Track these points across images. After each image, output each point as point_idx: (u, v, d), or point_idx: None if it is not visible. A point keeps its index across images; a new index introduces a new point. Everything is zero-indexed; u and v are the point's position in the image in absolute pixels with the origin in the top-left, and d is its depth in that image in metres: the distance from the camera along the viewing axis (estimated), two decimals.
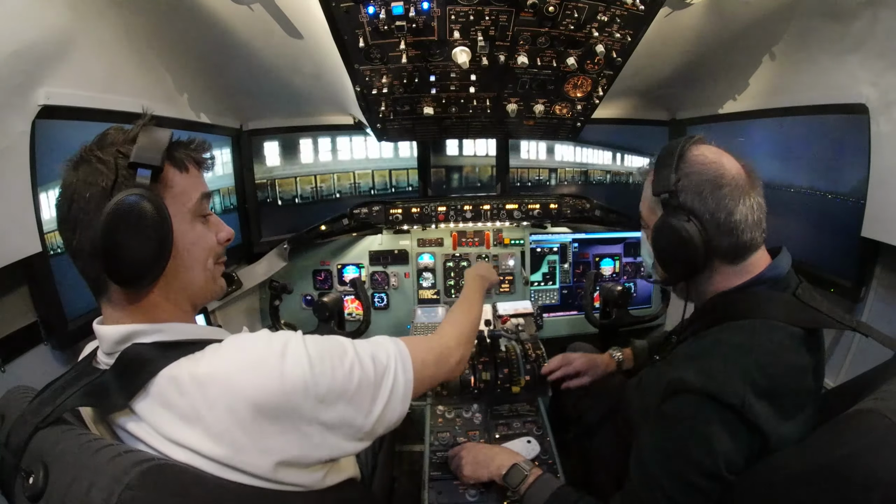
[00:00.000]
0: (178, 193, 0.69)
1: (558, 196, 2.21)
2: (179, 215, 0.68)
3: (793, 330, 0.80)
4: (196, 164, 0.73)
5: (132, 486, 0.49)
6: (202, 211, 0.73)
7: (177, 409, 0.59)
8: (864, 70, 1.31)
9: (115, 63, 1.27)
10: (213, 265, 0.76)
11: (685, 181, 0.86)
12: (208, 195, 0.75)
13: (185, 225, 0.69)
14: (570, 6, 1.22)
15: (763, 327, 0.80)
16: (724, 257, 0.87)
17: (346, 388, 0.67)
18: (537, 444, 1.36)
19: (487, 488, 1.22)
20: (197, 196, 0.72)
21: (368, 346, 0.76)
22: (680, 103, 2.20)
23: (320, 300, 1.82)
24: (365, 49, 1.30)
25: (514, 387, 1.55)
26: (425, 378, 0.83)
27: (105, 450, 0.53)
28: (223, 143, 2.03)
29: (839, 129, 1.46)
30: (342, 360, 0.68)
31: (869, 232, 1.32)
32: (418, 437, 1.53)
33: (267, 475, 0.61)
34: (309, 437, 0.63)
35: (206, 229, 0.74)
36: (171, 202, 0.66)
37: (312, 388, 0.63)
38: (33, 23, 0.99)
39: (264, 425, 0.60)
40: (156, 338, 0.65)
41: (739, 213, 0.83)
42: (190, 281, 0.71)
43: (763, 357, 0.77)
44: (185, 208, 0.70)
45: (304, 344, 0.66)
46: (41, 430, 0.58)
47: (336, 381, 0.65)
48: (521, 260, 2.33)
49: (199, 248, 0.72)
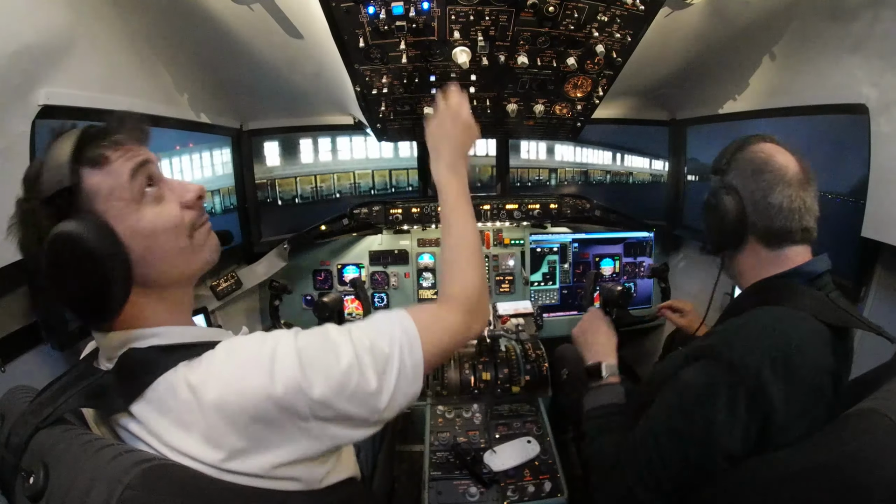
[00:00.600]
0: (107, 193, 0.61)
1: (558, 196, 2.21)
2: (120, 214, 0.61)
3: (819, 326, 0.83)
4: (114, 147, 0.63)
5: (133, 486, 0.49)
6: (141, 186, 0.64)
7: (173, 415, 0.58)
8: (864, 70, 1.31)
9: (115, 63, 1.27)
10: (187, 237, 0.67)
11: (735, 164, 0.97)
12: (142, 164, 0.64)
13: (132, 218, 0.62)
14: (570, 6, 1.22)
15: (792, 316, 0.84)
16: (759, 238, 0.94)
17: (344, 385, 0.62)
18: (537, 444, 1.36)
19: (488, 488, 1.22)
20: (124, 180, 0.62)
21: (368, 334, 0.67)
22: (680, 103, 2.20)
23: (320, 300, 1.82)
24: (365, 49, 1.30)
25: (514, 387, 1.56)
26: (438, 354, 0.74)
27: (106, 450, 0.53)
28: (223, 143, 2.03)
29: (839, 129, 1.46)
30: (338, 358, 0.63)
31: (869, 232, 1.32)
32: (418, 437, 1.53)
33: (266, 474, 0.60)
34: (307, 432, 0.62)
35: (160, 207, 0.65)
36: (105, 206, 0.60)
37: (307, 388, 0.60)
38: (33, 23, 0.99)
39: (260, 428, 0.59)
40: (152, 342, 0.64)
41: (775, 198, 0.90)
42: (166, 272, 0.66)
43: (786, 342, 0.80)
44: (121, 202, 0.61)
45: (296, 344, 0.63)
46: (42, 430, 0.58)
47: (332, 380, 0.62)
48: (521, 260, 2.33)
49: (160, 234, 0.64)
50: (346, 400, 0.63)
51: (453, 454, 1.32)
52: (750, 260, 0.97)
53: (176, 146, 1.69)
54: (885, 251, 1.33)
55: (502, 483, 1.24)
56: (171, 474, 0.54)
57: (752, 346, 0.80)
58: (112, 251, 0.58)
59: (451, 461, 1.31)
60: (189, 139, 1.76)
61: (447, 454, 1.33)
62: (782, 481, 0.73)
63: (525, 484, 1.25)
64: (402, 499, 1.56)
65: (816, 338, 0.82)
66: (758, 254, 0.96)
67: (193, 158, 1.80)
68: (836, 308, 0.86)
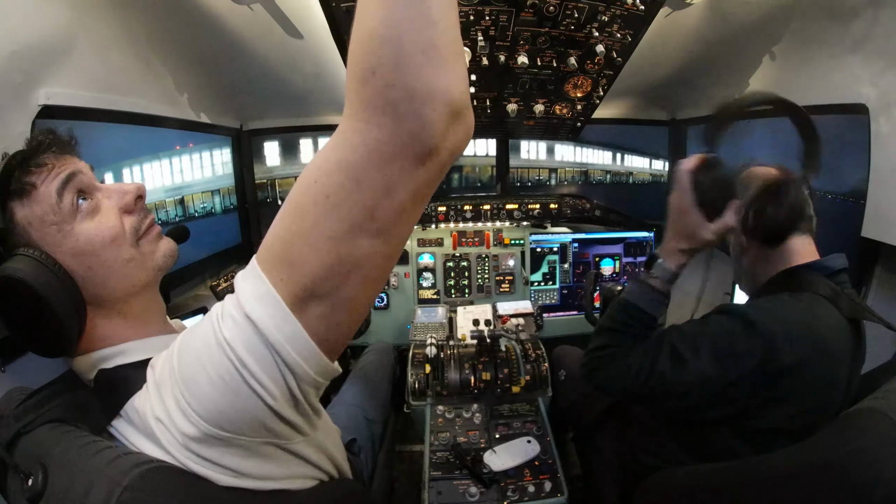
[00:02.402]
0: (38, 222, 0.57)
1: (558, 196, 2.21)
2: (54, 240, 0.57)
3: (838, 316, 0.87)
4: (38, 170, 0.58)
5: (131, 488, 0.48)
6: (72, 204, 0.59)
7: (136, 428, 0.56)
8: (864, 70, 1.31)
9: (115, 63, 1.27)
10: (131, 246, 0.63)
11: None
12: (68, 179, 0.59)
13: (69, 241, 0.58)
14: (571, 6, 1.22)
15: (814, 299, 0.89)
16: (758, 238, 0.99)
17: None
18: (537, 444, 1.36)
19: (488, 488, 1.22)
20: (53, 199, 0.57)
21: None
22: (680, 103, 2.20)
23: None
24: None
25: (514, 387, 1.55)
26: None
27: (104, 452, 0.53)
28: (223, 143, 2.03)
29: (839, 129, 1.46)
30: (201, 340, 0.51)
31: (869, 232, 1.32)
32: (418, 437, 1.53)
33: (200, 451, 0.51)
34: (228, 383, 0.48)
35: (96, 220, 0.61)
36: (39, 235, 0.57)
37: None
38: (33, 23, 0.99)
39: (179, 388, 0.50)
40: (118, 361, 0.62)
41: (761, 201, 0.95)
42: (117, 287, 0.61)
43: (807, 321, 0.84)
44: (54, 227, 0.57)
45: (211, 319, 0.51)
46: (23, 435, 0.58)
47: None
48: (521, 260, 2.33)
49: (100, 250, 0.60)
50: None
51: (453, 454, 1.32)
52: (757, 258, 1.02)
53: (176, 146, 1.69)
54: (885, 251, 1.33)
55: (502, 483, 1.24)
56: (170, 476, 0.53)
57: (774, 316, 0.85)
58: (56, 283, 0.55)
59: (451, 461, 1.30)
60: (189, 139, 1.76)
61: (447, 454, 1.33)
62: (782, 481, 0.73)
63: (525, 484, 1.24)
64: (402, 499, 1.56)
65: (836, 325, 0.87)
66: (761, 251, 1.01)
67: (193, 158, 1.80)
68: (852, 302, 0.90)
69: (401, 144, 0.40)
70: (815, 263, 0.96)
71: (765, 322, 0.85)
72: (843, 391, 0.87)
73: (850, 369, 0.88)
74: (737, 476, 0.83)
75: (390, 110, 0.38)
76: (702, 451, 0.94)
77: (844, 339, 0.87)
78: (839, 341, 0.87)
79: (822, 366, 0.83)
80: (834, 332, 0.86)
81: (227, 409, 0.48)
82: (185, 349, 0.51)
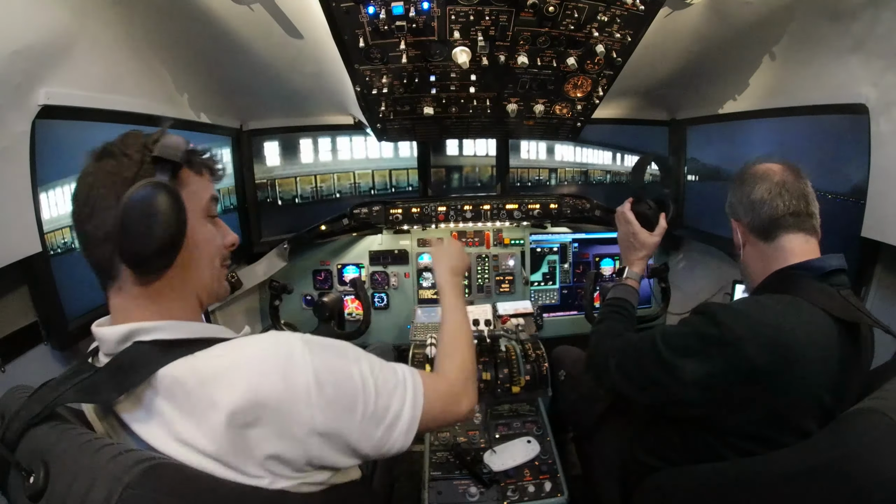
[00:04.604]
0: (192, 192, 0.72)
1: (558, 196, 2.21)
2: (193, 212, 0.70)
3: (822, 318, 0.85)
4: (209, 171, 0.77)
5: (133, 486, 0.49)
6: (211, 212, 0.77)
7: (178, 404, 0.59)
8: (864, 70, 1.31)
9: (115, 63, 1.27)
10: (219, 266, 0.78)
11: (734, 183, 1.09)
12: (216, 198, 0.79)
13: (197, 222, 0.72)
14: (570, 6, 1.22)
15: (793, 302, 0.88)
16: (754, 232, 1.02)
17: (348, 405, 0.66)
18: (537, 444, 1.36)
19: (488, 488, 1.22)
20: (207, 197, 0.75)
21: (383, 368, 0.74)
22: (680, 103, 2.20)
23: (320, 300, 1.82)
24: (365, 49, 1.30)
25: (514, 387, 1.55)
26: (431, 420, 0.80)
27: (105, 449, 0.53)
28: (223, 143, 2.03)
29: (839, 129, 1.46)
30: (349, 377, 0.68)
31: (869, 232, 1.32)
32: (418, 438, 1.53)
33: (259, 473, 0.61)
34: (300, 442, 0.63)
35: (215, 230, 0.77)
36: (186, 199, 0.68)
37: (315, 397, 0.62)
38: (33, 23, 0.99)
39: (258, 426, 0.59)
40: (157, 336, 0.65)
41: (757, 193, 1.00)
42: (198, 276, 0.74)
43: (778, 323, 0.84)
44: (197, 206, 0.73)
45: (311, 352, 0.65)
46: (34, 426, 0.59)
47: (339, 395, 0.65)
48: (521, 260, 2.33)
49: (208, 246, 0.75)
50: (347, 418, 0.67)
51: (453, 454, 1.32)
52: (753, 256, 1.03)
53: None
54: (885, 251, 1.33)
55: (502, 483, 1.24)
56: (171, 473, 0.54)
57: (743, 319, 0.86)
58: (181, 223, 0.66)
59: (451, 461, 1.31)
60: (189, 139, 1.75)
61: (447, 454, 1.33)
62: (782, 481, 0.73)
63: (525, 484, 1.25)
64: (402, 499, 1.56)
65: (816, 330, 0.84)
66: (758, 248, 1.02)
67: None
68: (845, 304, 0.87)
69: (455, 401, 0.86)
70: (805, 264, 0.94)
71: (731, 325, 0.84)
72: (833, 396, 0.83)
73: (841, 374, 0.84)
74: (737, 476, 0.83)
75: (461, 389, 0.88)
76: (702, 451, 0.94)
77: (827, 345, 0.84)
78: (817, 346, 0.83)
79: (791, 372, 0.81)
80: (811, 336, 0.83)
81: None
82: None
